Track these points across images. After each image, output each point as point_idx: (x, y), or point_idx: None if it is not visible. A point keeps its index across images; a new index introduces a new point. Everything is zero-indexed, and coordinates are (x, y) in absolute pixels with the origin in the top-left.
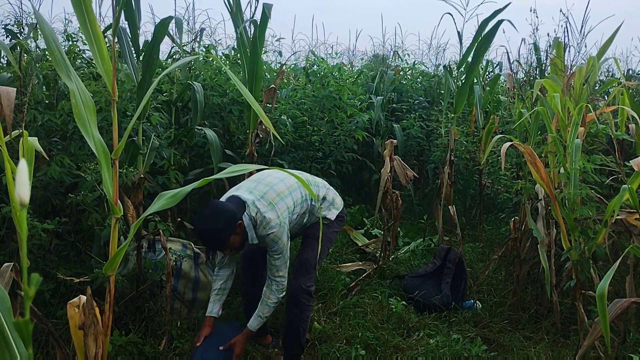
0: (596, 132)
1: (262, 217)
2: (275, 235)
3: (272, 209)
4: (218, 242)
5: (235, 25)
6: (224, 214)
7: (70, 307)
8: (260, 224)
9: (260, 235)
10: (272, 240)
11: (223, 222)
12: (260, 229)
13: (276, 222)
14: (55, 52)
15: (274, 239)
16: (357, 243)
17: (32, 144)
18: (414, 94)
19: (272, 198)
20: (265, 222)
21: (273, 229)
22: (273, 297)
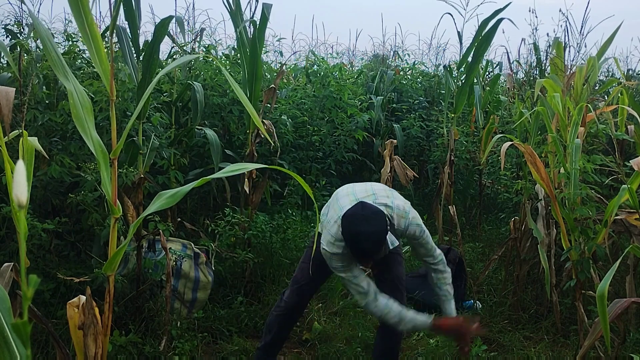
0: (596, 132)
1: (394, 208)
2: (414, 218)
3: (394, 198)
4: (379, 246)
5: (235, 26)
6: (380, 215)
7: (70, 307)
8: (397, 216)
9: (402, 229)
10: (418, 226)
11: (384, 224)
12: (400, 222)
13: (408, 206)
14: (52, 52)
15: (417, 222)
16: None
17: (32, 144)
18: (414, 94)
19: (385, 194)
20: (400, 210)
21: (409, 214)
22: (449, 275)
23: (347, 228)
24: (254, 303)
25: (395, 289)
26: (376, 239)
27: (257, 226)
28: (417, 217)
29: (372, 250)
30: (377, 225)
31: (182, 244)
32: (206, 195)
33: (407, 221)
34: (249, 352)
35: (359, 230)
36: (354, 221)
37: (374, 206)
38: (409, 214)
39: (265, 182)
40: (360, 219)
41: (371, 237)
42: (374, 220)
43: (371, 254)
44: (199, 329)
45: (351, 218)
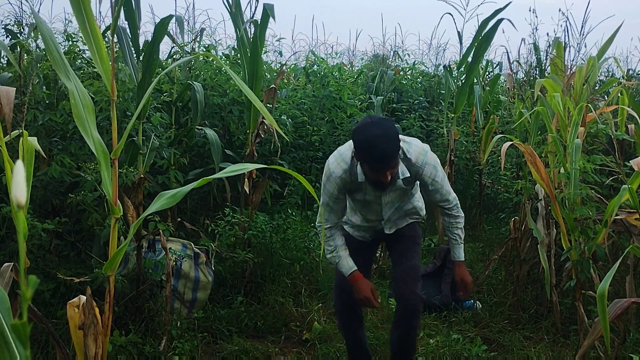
0: (596, 132)
1: (415, 144)
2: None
3: (415, 140)
4: (396, 145)
5: (236, 26)
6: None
7: (70, 307)
8: (416, 150)
9: (419, 165)
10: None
11: (394, 131)
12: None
13: (427, 147)
14: (54, 52)
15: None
16: None
17: (32, 144)
18: (414, 94)
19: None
20: (420, 147)
21: (427, 154)
22: (462, 219)
23: (358, 137)
24: (253, 303)
25: (409, 279)
26: (389, 137)
27: (257, 226)
28: (435, 160)
29: (388, 150)
30: (386, 127)
31: (182, 244)
32: (206, 195)
33: (425, 159)
34: (249, 352)
35: (372, 133)
36: (363, 129)
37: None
38: (427, 153)
39: (265, 182)
40: (368, 125)
41: (383, 137)
42: (383, 123)
43: (389, 157)
44: (199, 329)
45: (360, 128)
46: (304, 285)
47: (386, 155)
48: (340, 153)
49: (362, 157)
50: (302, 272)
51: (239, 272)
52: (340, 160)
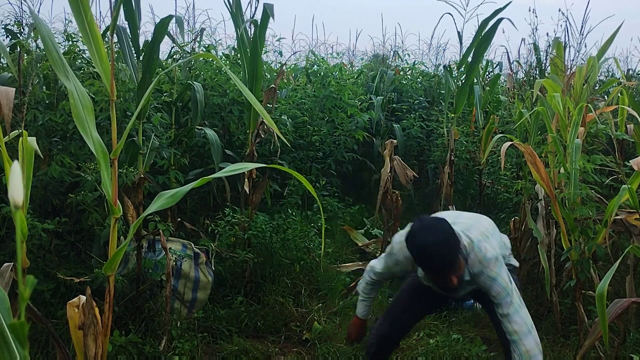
0: (596, 132)
1: (477, 248)
2: (491, 270)
3: (486, 239)
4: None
5: (236, 25)
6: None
7: (70, 307)
8: (475, 257)
9: (474, 272)
10: (490, 278)
11: (447, 226)
12: (474, 265)
13: (492, 254)
14: (53, 52)
15: (491, 275)
16: (357, 243)
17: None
18: (414, 94)
19: (482, 230)
20: (481, 253)
21: (489, 262)
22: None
23: (412, 247)
24: (253, 303)
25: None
26: (444, 242)
27: (257, 226)
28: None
29: (445, 256)
30: (440, 231)
31: (182, 244)
32: (206, 195)
33: (480, 268)
34: (249, 352)
35: (422, 242)
36: (414, 236)
37: (432, 216)
38: (486, 261)
39: (265, 182)
40: (420, 232)
41: (438, 244)
42: (435, 227)
43: (448, 263)
44: (199, 329)
45: (411, 235)
46: (304, 285)
47: (445, 264)
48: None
49: (421, 266)
50: (302, 272)
51: (239, 272)
52: (404, 246)
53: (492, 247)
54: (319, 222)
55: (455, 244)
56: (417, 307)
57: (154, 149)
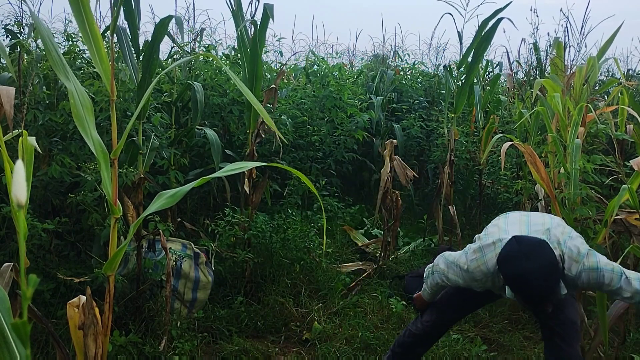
0: (596, 132)
1: (568, 249)
2: (590, 264)
3: (570, 237)
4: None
5: (236, 25)
6: (545, 246)
7: (70, 307)
8: (569, 259)
9: (573, 275)
10: (594, 271)
11: (553, 254)
12: (572, 266)
13: (585, 248)
14: (53, 52)
15: (592, 267)
16: (357, 243)
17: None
18: (414, 94)
19: (561, 230)
20: (574, 252)
21: (585, 257)
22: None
23: (508, 272)
24: (253, 303)
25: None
26: (546, 273)
27: (257, 226)
28: (596, 260)
29: (545, 289)
30: (541, 258)
31: (182, 244)
32: (206, 195)
33: (579, 266)
34: (249, 352)
35: (522, 270)
36: (512, 261)
37: (531, 237)
38: (583, 257)
39: (265, 182)
40: (519, 257)
41: (539, 274)
42: (536, 252)
43: (547, 295)
44: (199, 329)
45: (508, 258)
46: (304, 285)
47: (544, 296)
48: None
49: (516, 292)
50: (302, 272)
51: (239, 272)
52: (481, 263)
53: (580, 242)
54: (319, 222)
55: (557, 272)
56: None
57: (154, 149)
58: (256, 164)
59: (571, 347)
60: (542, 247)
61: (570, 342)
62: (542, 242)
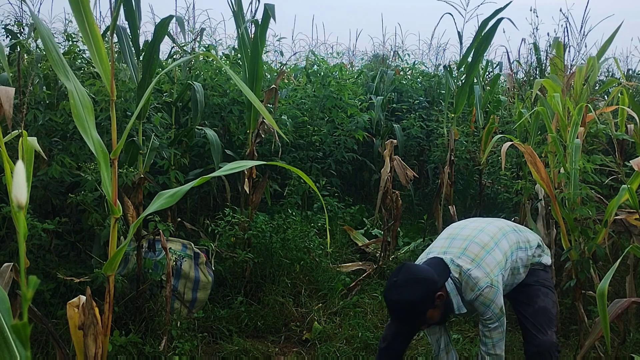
0: (596, 132)
1: (467, 277)
2: (485, 297)
3: (477, 265)
4: (412, 317)
5: (237, 25)
6: (420, 284)
7: (70, 307)
8: (466, 285)
9: (468, 300)
10: (483, 305)
11: (419, 294)
12: (467, 293)
13: (485, 282)
14: (53, 52)
15: (485, 302)
16: (357, 243)
17: (32, 144)
18: (414, 94)
19: (475, 253)
20: (472, 282)
21: (482, 290)
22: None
23: (384, 296)
24: (254, 303)
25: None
26: (404, 309)
27: (257, 226)
28: (491, 299)
29: (401, 319)
30: (406, 294)
31: (182, 244)
32: (206, 195)
33: (474, 294)
34: (249, 352)
35: (387, 297)
36: (386, 289)
37: (419, 271)
38: (479, 290)
39: (265, 182)
40: (390, 287)
41: (398, 306)
42: (405, 288)
43: (403, 323)
44: (199, 329)
45: (386, 285)
46: (304, 285)
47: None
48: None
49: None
50: (302, 272)
51: (239, 272)
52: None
53: (485, 272)
54: (319, 222)
55: (414, 311)
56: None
57: (154, 149)
58: (255, 163)
59: (545, 334)
60: (414, 284)
61: (544, 330)
62: (420, 279)
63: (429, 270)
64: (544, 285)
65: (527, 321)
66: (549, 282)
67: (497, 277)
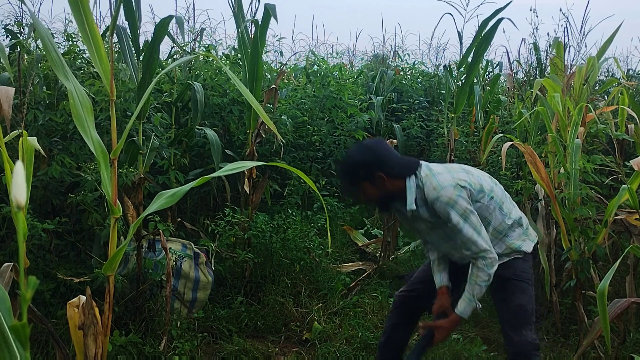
0: (596, 132)
1: (433, 176)
2: (449, 198)
3: (448, 172)
4: (349, 179)
5: (237, 25)
6: (368, 154)
7: (70, 307)
8: (430, 184)
9: (430, 199)
10: (446, 205)
11: (360, 160)
12: (430, 192)
13: (450, 183)
14: (52, 52)
15: (448, 202)
16: (357, 243)
17: (32, 144)
18: (414, 94)
19: (451, 168)
20: (436, 181)
21: (445, 188)
22: (483, 275)
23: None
24: (254, 303)
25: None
26: (344, 164)
27: (257, 226)
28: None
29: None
30: (351, 154)
31: (182, 244)
32: (206, 195)
33: (436, 195)
34: (249, 352)
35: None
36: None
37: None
38: (441, 190)
39: (265, 182)
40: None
41: (342, 162)
42: (357, 150)
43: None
44: (199, 329)
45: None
46: (304, 285)
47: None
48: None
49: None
50: (302, 272)
51: (239, 272)
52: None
53: (453, 177)
54: (319, 222)
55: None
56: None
57: (154, 149)
58: (255, 164)
59: (520, 335)
60: (364, 150)
61: (519, 330)
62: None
63: (390, 153)
64: (521, 278)
65: (503, 321)
66: (526, 274)
67: (463, 184)
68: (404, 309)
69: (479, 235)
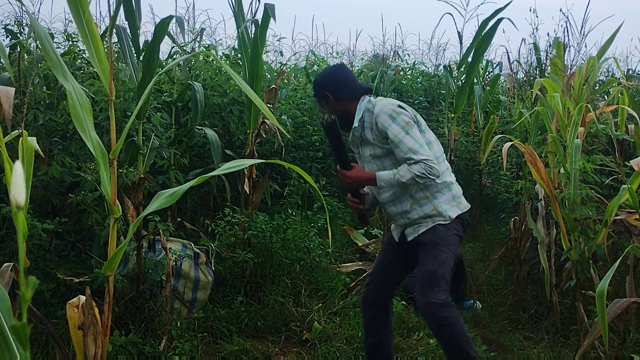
0: (596, 132)
1: (381, 100)
2: (392, 110)
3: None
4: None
5: (237, 25)
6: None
7: (70, 307)
8: (377, 103)
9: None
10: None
11: (318, 82)
12: (377, 110)
13: (397, 103)
14: (50, 53)
15: (391, 114)
16: (357, 243)
17: (32, 144)
18: (414, 94)
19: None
20: (383, 104)
21: (391, 105)
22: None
23: None
24: (254, 303)
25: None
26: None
27: (257, 226)
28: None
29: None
30: (317, 76)
31: (182, 244)
32: (206, 195)
33: (380, 107)
34: (249, 352)
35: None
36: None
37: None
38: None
39: (265, 182)
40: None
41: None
42: (321, 72)
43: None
44: (199, 329)
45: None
46: (304, 285)
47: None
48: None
49: None
50: (302, 272)
51: (239, 272)
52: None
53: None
54: (319, 222)
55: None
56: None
57: (154, 149)
58: (255, 161)
59: (425, 298)
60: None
61: (425, 293)
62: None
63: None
64: (437, 245)
65: (417, 284)
66: (444, 241)
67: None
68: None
69: (421, 147)
